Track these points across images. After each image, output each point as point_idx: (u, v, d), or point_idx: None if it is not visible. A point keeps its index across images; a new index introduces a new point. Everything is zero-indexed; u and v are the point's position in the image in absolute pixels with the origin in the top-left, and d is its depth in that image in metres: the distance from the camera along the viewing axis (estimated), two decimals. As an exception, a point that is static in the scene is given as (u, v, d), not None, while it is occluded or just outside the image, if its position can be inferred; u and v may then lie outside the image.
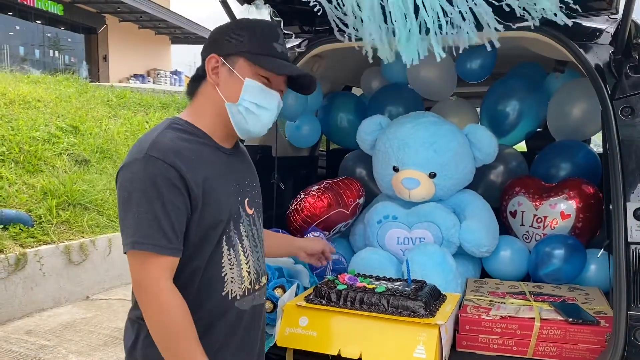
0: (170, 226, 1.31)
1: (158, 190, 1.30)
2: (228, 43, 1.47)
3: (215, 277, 1.43)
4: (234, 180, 1.51)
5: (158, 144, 1.35)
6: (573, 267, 2.41)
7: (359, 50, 2.65)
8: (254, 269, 1.53)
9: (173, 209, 1.32)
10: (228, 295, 1.46)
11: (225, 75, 1.46)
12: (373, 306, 1.91)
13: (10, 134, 6.25)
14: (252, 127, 1.48)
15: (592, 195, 2.55)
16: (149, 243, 1.30)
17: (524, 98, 3.01)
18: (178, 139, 1.39)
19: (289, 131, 3.26)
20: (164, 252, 1.31)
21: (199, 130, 1.47)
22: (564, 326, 1.93)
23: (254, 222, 1.56)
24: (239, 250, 1.48)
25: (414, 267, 2.22)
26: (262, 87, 1.46)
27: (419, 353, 1.79)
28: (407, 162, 2.56)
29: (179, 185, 1.33)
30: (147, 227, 1.30)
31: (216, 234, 1.42)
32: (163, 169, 1.31)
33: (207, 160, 1.43)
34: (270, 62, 1.44)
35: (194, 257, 1.40)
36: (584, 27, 2.17)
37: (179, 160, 1.34)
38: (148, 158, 1.32)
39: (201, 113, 1.50)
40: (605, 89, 1.96)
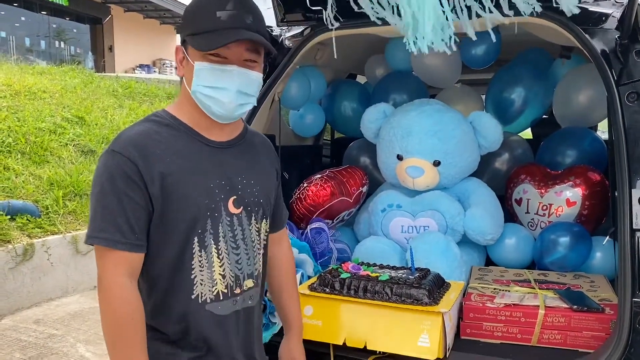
0: (125, 220, 1.27)
1: (114, 184, 1.27)
2: (182, 29, 1.41)
3: (184, 278, 1.36)
4: (218, 176, 1.40)
5: (121, 138, 1.33)
6: (578, 255, 2.40)
7: (363, 37, 2.63)
8: (231, 272, 1.42)
9: (129, 203, 1.28)
10: (198, 298, 1.37)
11: (186, 64, 1.40)
12: (377, 294, 1.91)
13: (17, 125, 6.27)
14: (218, 110, 1.37)
15: (598, 183, 2.54)
16: (102, 237, 1.27)
17: (529, 85, 2.99)
18: (148, 132, 1.35)
19: (293, 120, 3.25)
20: (117, 247, 1.27)
21: (179, 122, 1.40)
22: (568, 314, 1.93)
23: (239, 222, 1.43)
24: (211, 252, 1.38)
25: (418, 256, 2.21)
26: (212, 67, 1.34)
27: (423, 341, 1.79)
28: (411, 150, 2.54)
29: (136, 180, 1.28)
30: (101, 221, 1.27)
31: (183, 233, 1.34)
32: (121, 163, 1.28)
33: (180, 153, 1.35)
34: (204, 39, 1.32)
35: (160, 255, 1.35)
36: (590, 12, 2.14)
37: (138, 154, 1.29)
38: (109, 152, 1.31)
39: (182, 104, 1.43)
40: (611, 75, 1.93)
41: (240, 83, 1.37)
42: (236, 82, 1.36)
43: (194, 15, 1.37)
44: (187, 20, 1.39)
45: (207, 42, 1.32)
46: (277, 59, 2.60)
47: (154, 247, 1.34)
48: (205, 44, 1.32)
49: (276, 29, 2.65)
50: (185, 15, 1.41)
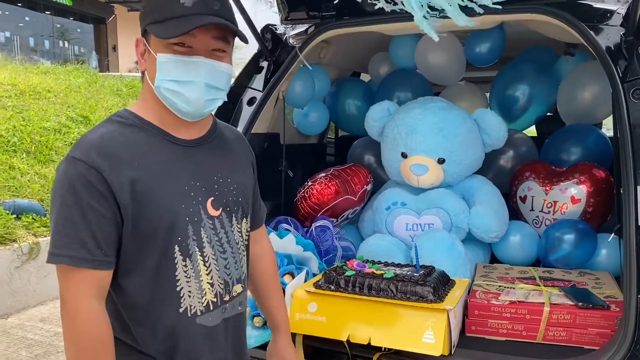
0: (90, 235, 1.15)
1: (77, 195, 1.14)
2: (143, 18, 1.26)
3: (169, 292, 1.24)
4: (192, 177, 1.28)
5: (82, 143, 1.19)
6: (583, 252, 2.40)
7: (367, 35, 2.63)
8: (220, 279, 1.32)
9: (95, 216, 1.15)
10: (187, 312, 1.26)
11: (147, 57, 1.26)
12: (382, 292, 1.91)
13: (22, 124, 6.29)
14: (184, 107, 1.25)
15: (603, 180, 2.53)
16: (65, 255, 1.14)
17: (533, 82, 2.98)
18: (112, 134, 1.22)
19: (297, 119, 3.26)
20: (82, 265, 1.14)
21: (144, 121, 1.27)
22: (573, 311, 1.93)
23: (221, 224, 1.32)
24: (197, 259, 1.26)
25: (423, 253, 2.21)
26: (176, 58, 1.21)
27: (428, 338, 1.79)
28: (415, 148, 2.54)
29: (101, 189, 1.15)
30: (63, 237, 1.15)
31: (161, 242, 1.22)
32: (83, 171, 1.15)
33: (149, 156, 1.23)
34: (167, 27, 1.19)
35: (137, 269, 1.22)
36: (595, 8, 2.13)
37: (103, 160, 1.16)
38: (69, 160, 1.17)
39: (146, 102, 1.30)
40: (616, 71, 1.93)
41: (208, 76, 1.24)
42: (203, 74, 1.23)
43: (155, 2, 1.24)
44: (148, 8, 1.25)
45: (169, 30, 1.18)
46: (282, 57, 2.61)
47: (130, 261, 1.22)
48: (167, 32, 1.18)
49: (280, 27, 2.65)
50: (145, 3, 1.28)
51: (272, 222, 2.58)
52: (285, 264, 2.20)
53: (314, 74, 2.98)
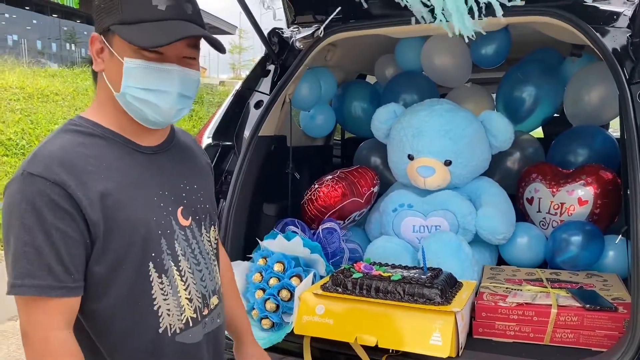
0: (57, 260, 1.03)
1: (38, 216, 1.02)
2: (104, 15, 1.13)
3: (146, 312, 1.15)
4: (159, 187, 1.19)
5: (39, 156, 1.06)
6: (591, 254, 2.39)
7: (373, 38, 2.64)
8: (197, 292, 1.24)
9: (61, 238, 1.03)
10: (167, 332, 1.18)
11: (108, 58, 1.14)
12: (389, 294, 1.91)
13: (30, 127, 6.35)
14: (153, 116, 1.15)
15: (610, 181, 2.53)
16: (29, 285, 1.01)
17: (540, 83, 2.98)
18: (71, 145, 1.10)
19: (304, 121, 3.27)
20: (50, 294, 1.02)
21: (103, 129, 1.16)
22: (581, 312, 1.93)
23: (193, 234, 1.24)
24: (174, 275, 1.18)
25: (430, 255, 2.22)
26: (147, 65, 1.11)
27: (435, 340, 1.80)
28: (422, 150, 2.55)
29: (67, 207, 1.04)
30: (26, 264, 1.02)
31: (135, 259, 1.12)
32: (45, 188, 1.02)
33: (113, 167, 1.13)
34: (141, 32, 1.08)
35: (109, 291, 1.12)
36: (601, 10, 2.14)
37: (66, 174, 1.05)
38: (25, 176, 1.04)
39: (103, 107, 1.19)
40: (622, 73, 1.93)
41: (181, 85, 1.15)
42: (177, 83, 1.14)
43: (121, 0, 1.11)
44: (110, 5, 1.12)
45: (146, 37, 1.08)
46: (288, 60, 2.62)
47: (101, 283, 1.11)
48: (145, 39, 1.08)
49: (287, 31, 2.67)
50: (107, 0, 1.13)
51: (279, 225, 2.59)
52: (293, 267, 2.21)
53: (320, 76, 2.99)
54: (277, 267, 2.21)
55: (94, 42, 1.16)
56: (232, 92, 2.74)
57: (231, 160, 2.51)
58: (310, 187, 2.75)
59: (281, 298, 2.14)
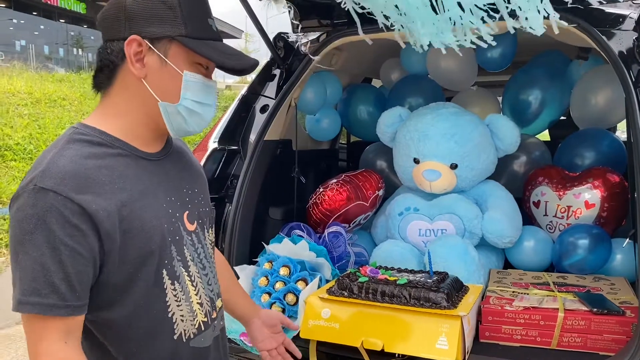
0: (64, 278, 1.01)
1: (48, 232, 1.00)
2: (155, 21, 1.11)
3: (161, 319, 1.16)
4: (166, 193, 1.20)
5: (51, 169, 1.03)
6: (598, 257, 2.38)
7: (378, 41, 2.64)
8: (206, 297, 1.26)
9: (70, 256, 1.01)
10: (182, 337, 1.19)
11: (156, 66, 1.13)
12: (395, 298, 1.91)
13: (38, 132, 6.39)
14: (193, 128, 1.19)
15: (617, 184, 2.52)
16: (34, 303, 1.00)
17: (546, 86, 2.97)
18: (82, 157, 1.07)
19: (309, 125, 3.27)
20: (55, 313, 1.01)
21: (110, 137, 1.14)
22: (588, 317, 1.92)
23: (198, 239, 1.26)
24: (185, 281, 1.19)
25: (436, 259, 2.22)
26: (203, 80, 1.17)
27: (442, 344, 1.79)
28: (427, 154, 2.55)
29: (78, 223, 1.01)
30: (31, 281, 1.00)
31: (149, 269, 1.13)
32: (56, 203, 1.00)
33: (125, 177, 1.11)
34: (212, 49, 1.15)
35: (125, 302, 1.12)
36: (607, 13, 2.13)
37: (80, 188, 1.03)
38: (37, 191, 1.01)
39: (117, 113, 1.16)
40: (629, 76, 1.92)
41: (215, 98, 1.23)
42: (214, 98, 1.22)
43: (185, 13, 1.12)
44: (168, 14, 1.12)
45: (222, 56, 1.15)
46: (294, 65, 2.63)
47: (117, 292, 1.11)
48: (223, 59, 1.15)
49: (292, 35, 2.68)
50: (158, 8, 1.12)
51: (285, 229, 2.59)
52: (299, 270, 2.21)
53: (326, 80, 2.99)
54: (283, 271, 2.22)
55: (132, 45, 1.11)
56: (238, 96, 2.75)
57: (237, 165, 2.52)
58: (315, 191, 2.76)
59: (287, 302, 2.14)
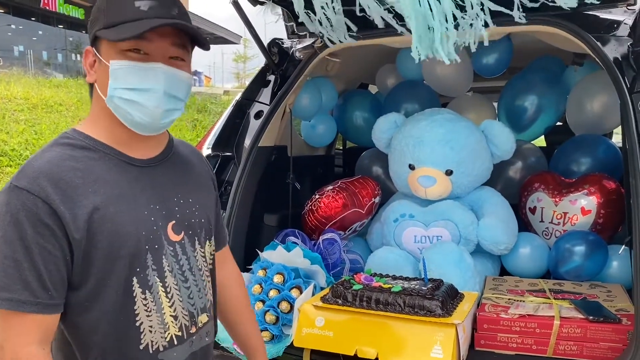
0: (36, 275, 1.02)
1: (20, 229, 1.02)
2: (92, 26, 1.15)
3: (128, 327, 1.13)
4: (149, 200, 1.17)
5: (28, 170, 1.06)
6: (594, 264, 2.37)
7: (374, 47, 2.64)
8: (183, 310, 1.21)
9: (41, 253, 1.03)
10: (148, 348, 1.15)
11: (97, 67, 1.15)
12: (389, 306, 1.90)
13: (34, 138, 6.38)
14: (140, 117, 1.13)
15: (613, 191, 2.51)
16: (4, 298, 1.02)
17: (542, 92, 2.97)
18: (61, 158, 1.09)
19: (305, 131, 3.27)
20: (24, 309, 1.02)
21: (95, 141, 1.15)
22: (584, 324, 1.90)
23: (183, 250, 1.22)
24: (158, 291, 1.16)
25: (431, 266, 2.20)
26: (132, 64, 1.11)
27: (436, 353, 1.78)
28: (423, 160, 2.54)
29: (49, 223, 1.03)
30: (3, 277, 1.02)
31: (121, 275, 1.11)
32: (28, 203, 1.02)
33: (102, 180, 1.11)
34: (120, 30, 1.09)
35: (92, 307, 1.11)
36: (601, 19, 2.13)
37: (52, 188, 1.04)
38: (12, 189, 1.04)
39: (96, 119, 1.18)
40: (623, 82, 1.92)
41: (167, 83, 1.13)
42: (162, 82, 1.13)
43: (106, 7, 1.12)
44: (98, 14, 1.13)
45: (122, 32, 1.08)
46: (288, 70, 2.62)
47: (85, 296, 1.10)
48: (120, 33, 1.08)
49: (287, 41, 2.67)
50: (95, 9, 1.15)
51: (279, 235, 2.58)
52: (293, 278, 2.20)
53: (321, 86, 2.99)
54: (277, 278, 2.20)
55: (87, 56, 1.17)
56: (232, 102, 2.74)
57: (231, 171, 2.50)
58: (311, 198, 2.74)
59: (281, 310, 2.12)
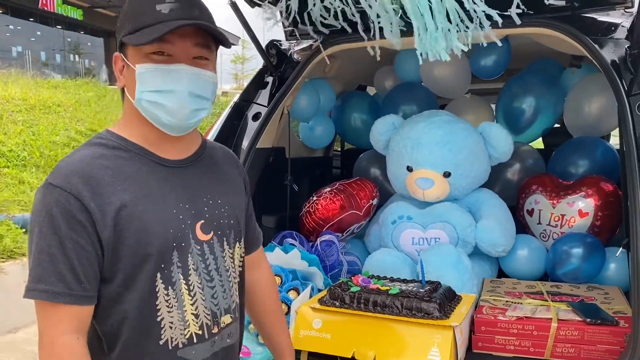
0: (69, 268, 1.08)
1: (54, 225, 1.07)
2: (118, 33, 1.19)
3: (150, 323, 1.16)
4: (179, 200, 1.20)
5: (61, 168, 1.12)
6: (592, 266, 2.37)
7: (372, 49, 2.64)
8: (206, 309, 1.23)
9: (74, 248, 1.08)
10: (167, 344, 1.18)
11: (126, 72, 1.19)
12: (387, 308, 1.90)
13: (32, 138, 6.36)
14: (167, 119, 1.16)
15: (610, 193, 2.51)
16: (41, 290, 1.07)
17: (540, 94, 2.97)
18: (93, 157, 1.14)
19: (303, 132, 3.26)
20: (59, 300, 1.07)
21: (127, 142, 1.19)
22: (581, 327, 1.90)
23: (210, 250, 1.24)
24: (181, 288, 1.19)
25: (429, 268, 2.20)
26: (156, 67, 1.14)
27: (434, 355, 1.78)
28: (421, 162, 2.54)
29: (81, 219, 1.08)
30: (40, 270, 1.08)
31: (146, 271, 1.14)
32: (61, 199, 1.08)
33: (132, 179, 1.15)
34: (140, 34, 1.12)
35: (120, 300, 1.15)
36: (599, 21, 2.13)
37: (84, 186, 1.09)
38: (47, 186, 1.10)
39: (128, 121, 1.22)
40: (621, 85, 1.92)
41: (191, 84, 1.16)
42: (186, 83, 1.16)
43: (130, 13, 1.17)
44: (122, 21, 1.18)
45: (144, 36, 1.11)
46: (286, 72, 2.62)
47: (114, 291, 1.15)
48: (142, 37, 1.11)
49: (285, 42, 2.67)
50: (120, 17, 1.20)
51: (277, 237, 2.57)
52: (290, 280, 2.19)
53: (319, 88, 2.98)
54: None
55: (117, 62, 1.21)
56: (230, 104, 2.73)
57: (229, 173, 2.49)
58: (308, 199, 2.74)
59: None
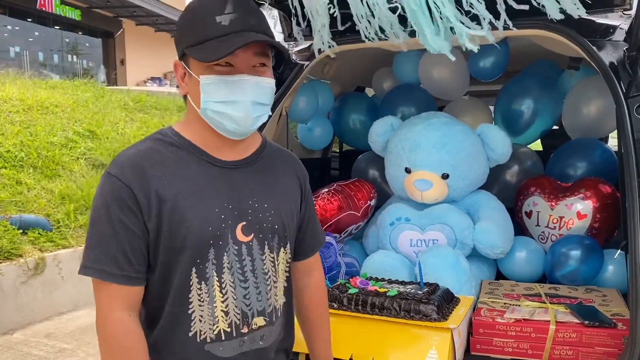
0: (121, 251, 1.17)
1: (109, 210, 1.17)
2: (179, 42, 1.26)
3: (182, 314, 1.23)
4: (224, 199, 1.25)
5: (120, 159, 1.22)
6: (590, 268, 2.37)
7: (370, 51, 2.64)
8: (236, 308, 1.26)
9: (125, 232, 1.17)
10: (196, 337, 1.24)
11: (188, 80, 1.26)
12: (385, 310, 1.89)
13: (29, 139, 6.33)
14: (233, 127, 1.23)
15: (609, 195, 2.51)
16: (95, 268, 1.17)
17: (538, 96, 2.98)
18: (147, 151, 1.23)
19: (301, 133, 3.26)
20: (112, 280, 1.17)
21: (184, 140, 1.27)
22: (580, 329, 1.90)
23: (249, 251, 1.27)
24: (213, 284, 1.23)
25: (427, 270, 2.20)
26: (220, 78, 1.20)
27: (432, 357, 1.77)
28: (419, 164, 2.53)
29: (131, 205, 1.17)
30: (96, 250, 1.18)
31: (182, 263, 1.21)
32: (116, 187, 1.18)
33: (181, 175, 1.22)
34: (207, 49, 1.18)
35: (159, 287, 1.23)
36: (597, 23, 2.13)
37: (134, 177, 1.18)
38: (106, 175, 1.21)
39: (190, 122, 1.30)
40: (619, 87, 1.92)
41: (253, 93, 1.22)
42: (249, 92, 1.21)
43: (191, 24, 1.22)
44: (183, 31, 1.24)
45: (211, 52, 1.17)
46: (285, 73, 2.61)
47: (154, 278, 1.23)
48: (209, 54, 1.17)
49: (283, 44, 2.66)
50: (180, 25, 1.26)
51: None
52: (288, 281, 2.18)
53: (317, 89, 2.98)
54: (273, 282, 2.19)
55: (177, 69, 1.28)
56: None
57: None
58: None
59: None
